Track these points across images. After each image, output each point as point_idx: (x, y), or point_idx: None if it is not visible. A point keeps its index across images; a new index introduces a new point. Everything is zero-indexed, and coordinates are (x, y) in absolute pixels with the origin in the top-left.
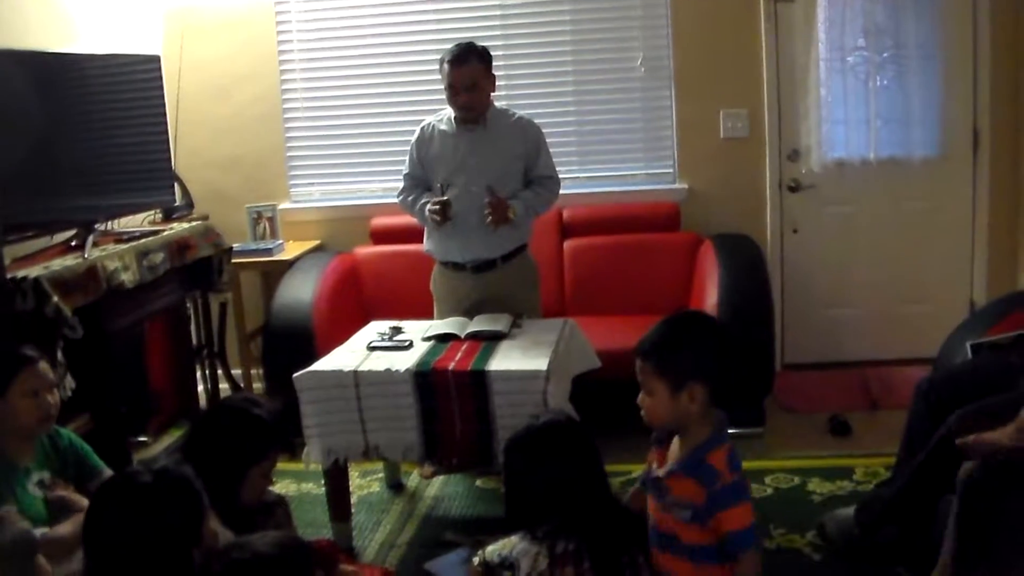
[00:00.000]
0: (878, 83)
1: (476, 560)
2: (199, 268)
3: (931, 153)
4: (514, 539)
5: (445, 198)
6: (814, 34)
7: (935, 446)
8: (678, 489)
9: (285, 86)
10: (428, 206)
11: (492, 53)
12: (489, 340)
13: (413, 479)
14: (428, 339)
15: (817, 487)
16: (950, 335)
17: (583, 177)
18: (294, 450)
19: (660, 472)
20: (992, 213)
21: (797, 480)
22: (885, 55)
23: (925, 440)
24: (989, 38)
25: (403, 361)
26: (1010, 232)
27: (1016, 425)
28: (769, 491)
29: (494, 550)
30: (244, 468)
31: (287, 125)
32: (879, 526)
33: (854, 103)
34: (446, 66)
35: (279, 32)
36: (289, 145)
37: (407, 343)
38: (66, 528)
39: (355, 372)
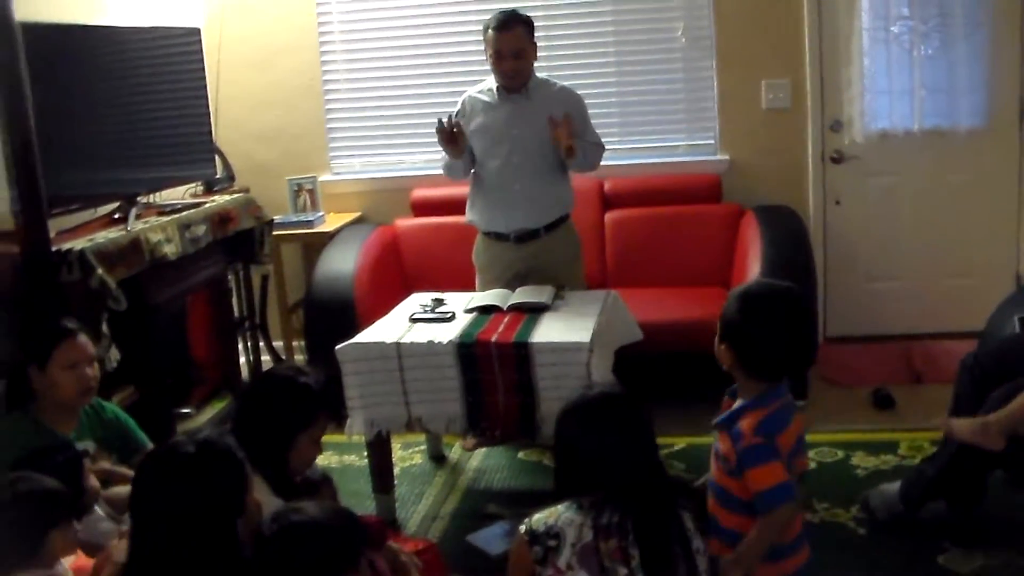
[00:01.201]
0: (922, 53)
1: (523, 528)
2: (241, 240)
3: (977, 124)
4: (560, 508)
5: (455, 120)
6: (857, 3)
7: None
8: (720, 441)
9: (325, 58)
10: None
11: (534, 23)
12: (532, 312)
13: (455, 451)
14: (470, 311)
15: (861, 461)
16: (997, 308)
17: (624, 148)
18: (341, 418)
19: (713, 420)
20: None
21: (841, 454)
22: (930, 24)
23: (971, 414)
24: None
25: (446, 333)
26: None
27: (980, 422)
28: (813, 465)
29: (540, 519)
30: (293, 434)
31: (327, 97)
32: (924, 502)
33: (898, 73)
34: (491, 32)
35: (319, 3)
36: (329, 117)
37: (449, 315)
38: (123, 490)
39: (398, 344)
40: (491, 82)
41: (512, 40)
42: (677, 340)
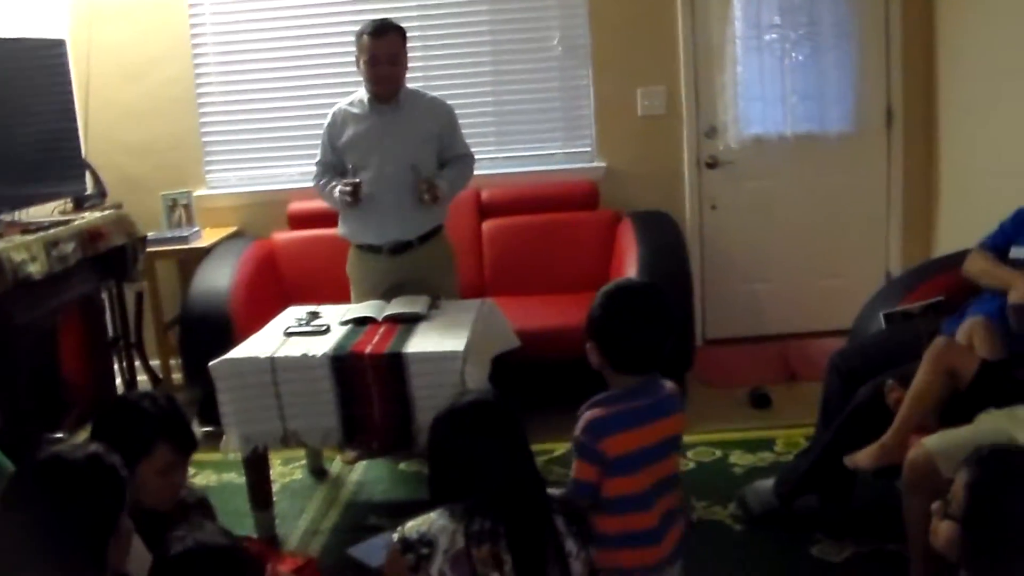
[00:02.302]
0: (794, 60)
1: (396, 536)
2: (113, 258)
3: (846, 129)
4: (433, 516)
5: (356, 180)
6: (730, 12)
7: (848, 416)
8: None
9: (199, 69)
10: (339, 187)
11: (409, 35)
12: (407, 322)
13: (336, 465)
14: (345, 323)
15: (739, 459)
16: (864, 306)
17: (502, 157)
18: (191, 447)
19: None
20: (906, 187)
21: (719, 453)
22: (801, 32)
23: (840, 410)
24: (901, 17)
25: (320, 346)
26: (924, 205)
27: (878, 446)
28: (692, 465)
29: (413, 527)
30: (132, 464)
31: (202, 110)
32: (797, 495)
33: (770, 80)
34: (366, 38)
35: (191, 13)
36: (204, 130)
37: (324, 328)
38: None
39: (271, 358)
40: (361, 93)
41: (388, 45)
42: (556, 347)
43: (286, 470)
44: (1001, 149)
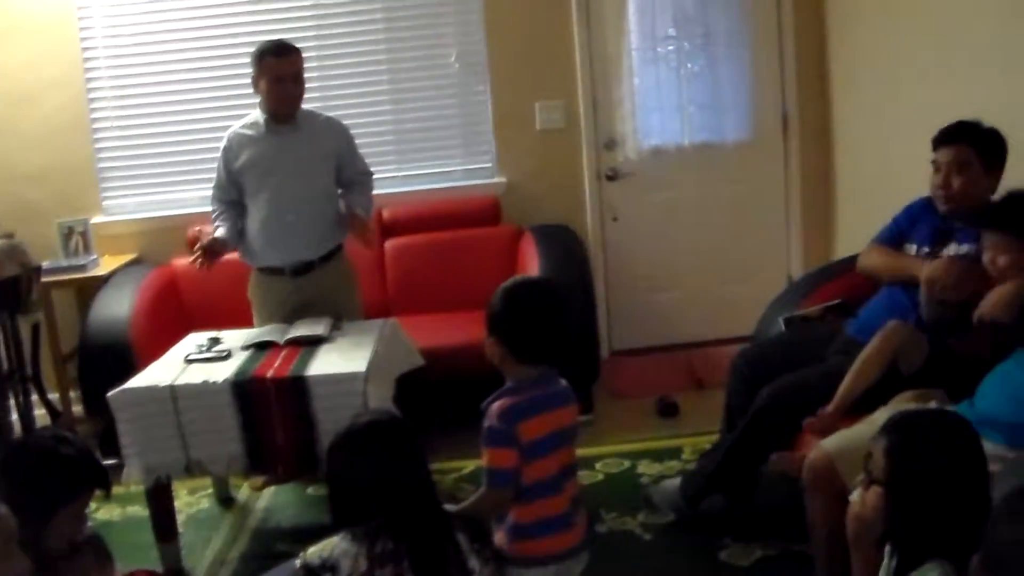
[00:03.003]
0: (689, 70)
1: (298, 562)
2: (6, 289)
3: (743, 137)
4: (335, 540)
5: (205, 244)
6: (625, 24)
7: (751, 417)
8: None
9: (92, 94)
10: (206, 243)
11: (305, 55)
12: (309, 345)
13: (244, 492)
14: (247, 348)
15: (647, 469)
16: (765, 311)
17: (402, 176)
18: (109, 489)
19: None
20: (804, 192)
21: (627, 464)
22: (695, 43)
23: (743, 412)
24: (793, 27)
25: (221, 372)
26: (822, 208)
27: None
28: (600, 476)
29: (315, 551)
30: (53, 509)
31: (96, 135)
32: (703, 497)
33: (667, 91)
34: (269, 58)
35: (83, 37)
36: (100, 156)
37: (225, 353)
38: None
39: (171, 386)
40: (257, 115)
41: (292, 64)
42: (461, 364)
43: (192, 500)
44: (892, 149)
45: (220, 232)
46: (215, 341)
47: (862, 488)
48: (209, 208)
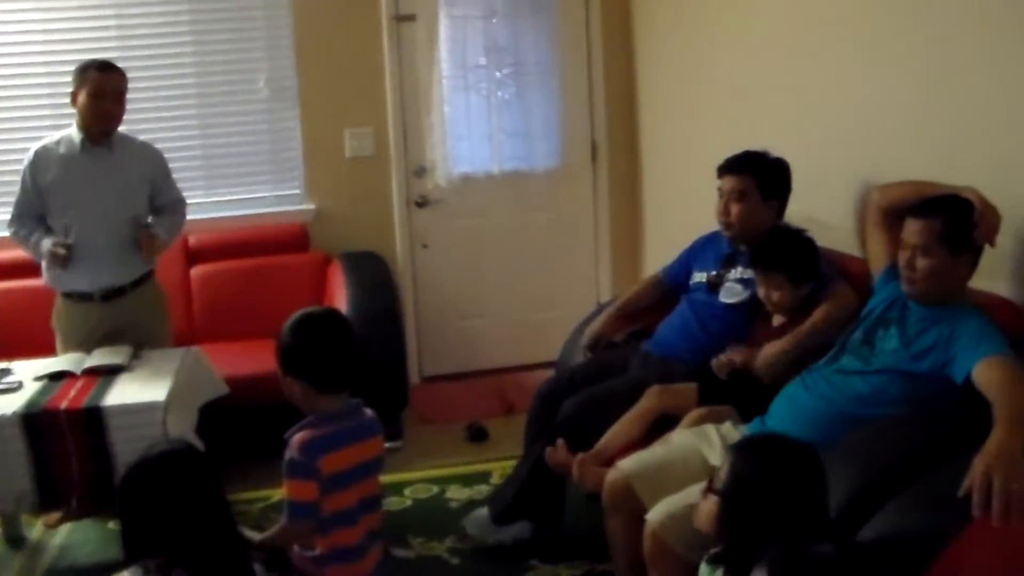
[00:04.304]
0: (500, 99)
1: None
2: None
3: (553, 165)
4: (126, 574)
5: (70, 242)
6: (436, 53)
7: (556, 429)
8: None
9: None
10: (50, 246)
11: None
12: (107, 374)
13: (38, 530)
14: (40, 378)
15: (455, 494)
16: (568, 338)
17: (210, 202)
18: None
19: None
20: (612, 219)
21: (436, 489)
22: (505, 72)
23: (541, 433)
24: (602, 58)
25: (10, 404)
26: (630, 235)
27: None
28: (408, 502)
29: None
30: None
31: None
32: (512, 519)
33: (477, 119)
34: (94, 72)
35: None
36: None
37: (16, 384)
38: None
39: None
40: (71, 133)
41: (116, 81)
42: (267, 392)
43: None
44: (693, 177)
45: (47, 242)
46: (5, 372)
47: (702, 496)
48: (5, 233)
